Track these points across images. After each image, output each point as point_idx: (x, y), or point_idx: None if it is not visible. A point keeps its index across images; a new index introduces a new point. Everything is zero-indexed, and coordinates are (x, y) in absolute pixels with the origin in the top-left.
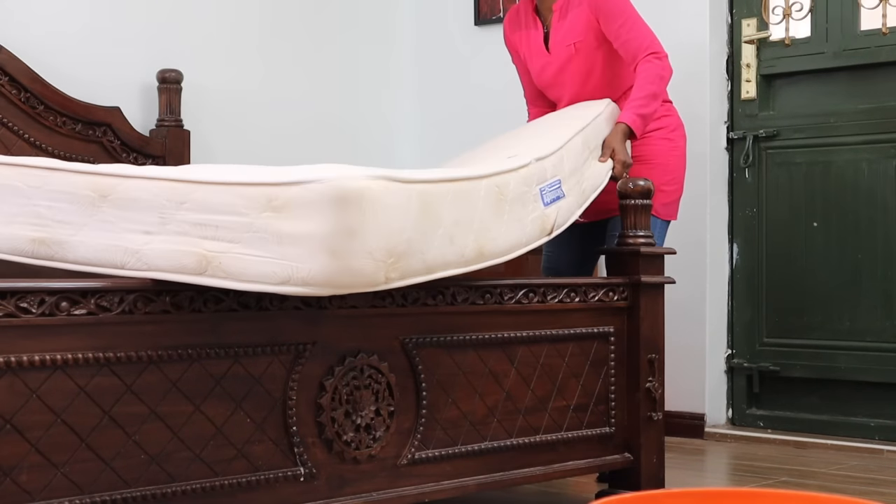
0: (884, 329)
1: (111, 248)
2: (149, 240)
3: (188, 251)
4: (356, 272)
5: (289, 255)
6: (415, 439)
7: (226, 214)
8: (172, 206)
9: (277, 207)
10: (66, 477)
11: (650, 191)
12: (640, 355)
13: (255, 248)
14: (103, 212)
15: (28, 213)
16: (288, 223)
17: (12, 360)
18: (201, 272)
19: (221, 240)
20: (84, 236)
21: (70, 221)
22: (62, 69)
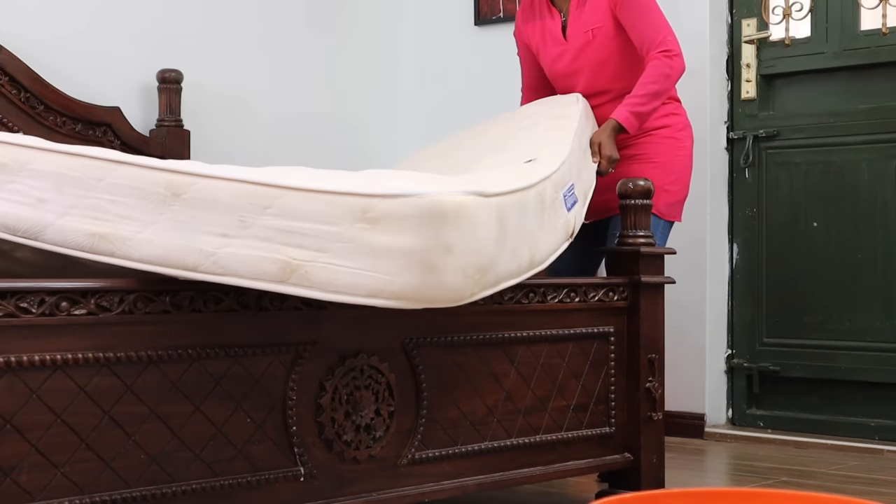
0: (884, 329)
1: (182, 249)
2: (226, 243)
3: (270, 257)
4: (449, 288)
5: (381, 267)
6: (415, 439)
7: (315, 223)
8: (255, 210)
9: (372, 219)
10: (66, 477)
11: (650, 191)
12: (640, 355)
13: (345, 258)
14: (175, 210)
15: (87, 206)
16: (383, 236)
17: (12, 360)
18: (283, 280)
19: (309, 248)
20: (151, 234)
21: (136, 218)
22: (62, 69)
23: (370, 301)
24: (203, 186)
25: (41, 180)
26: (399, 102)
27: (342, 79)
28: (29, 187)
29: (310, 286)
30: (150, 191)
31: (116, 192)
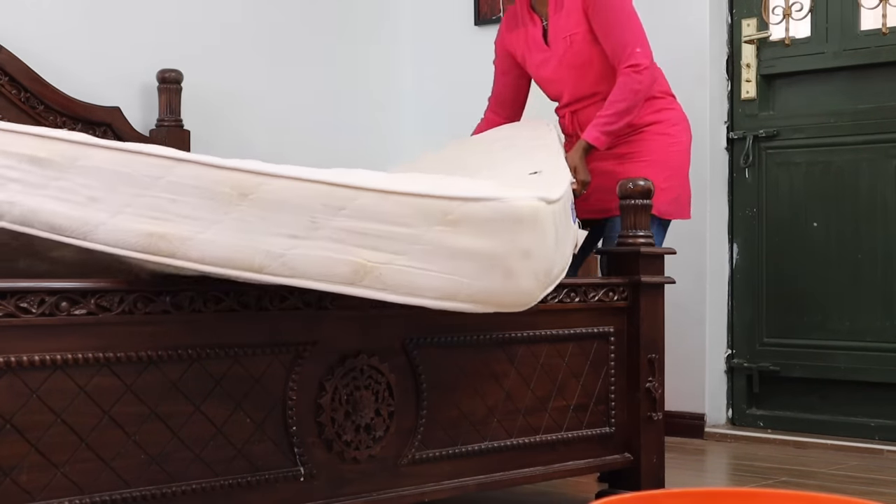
0: (884, 329)
1: (248, 250)
2: (295, 244)
3: (343, 259)
4: (523, 292)
5: (459, 270)
6: (415, 439)
7: (391, 224)
8: (328, 212)
9: (452, 222)
10: (66, 477)
11: (650, 191)
12: (640, 355)
13: (423, 260)
14: (241, 210)
15: (143, 205)
16: (462, 238)
17: (12, 360)
18: (355, 282)
19: (384, 250)
20: (214, 234)
21: (199, 217)
22: (62, 69)
23: (445, 304)
24: (274, 187)
25: (92, 178)
26: (399, 102)
27: (342, 79)
28: (78, 185)
29: (383, 288)
30: (215, 190)
31: (177, 190)
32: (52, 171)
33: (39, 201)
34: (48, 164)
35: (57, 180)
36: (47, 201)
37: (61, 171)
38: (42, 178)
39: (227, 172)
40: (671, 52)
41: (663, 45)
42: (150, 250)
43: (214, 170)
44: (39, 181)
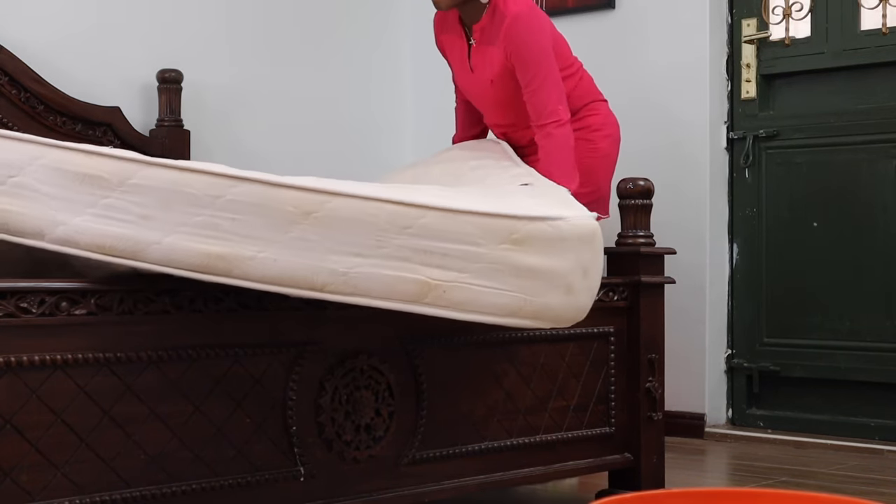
0: (884, 329)
1: (310, 269)
2: (359, 262)
3: (408, 278)
4: (580, 309)
5: (524, 288)
6: (415, 439)
7: (457, 243)
8: (394, 230)
9: (518, 241)
10: (66, 477)
11: (650, 191)
12: (640, 355)
13: (486, 278)
14: (303, 229)
15: (199, 224)
16: (527, 257)
17: (12, 360)
18: (419, 300)
19: (448, 268)
20: (274, 253)
21: (259, 237)
22: (62, 69)
23: (508, 321)
24: (337, 205)
25: (144, 196)
26: (399, 102)
27: (342, 79)
28: (129, 203)
29: (446, 306)
30: (277, 209)
31: (236, 209)
32: (100, 189)
33: (85, 220)
34: (96, 181)
35: (105, 199)
36: (94, 220)
37: (109, 190)
38: (90, 196)
39: (290, 191)
40: (671, 53)
41: (663, 46)
42: (207, 270)
43: (277, 188)
44: (86, 199)
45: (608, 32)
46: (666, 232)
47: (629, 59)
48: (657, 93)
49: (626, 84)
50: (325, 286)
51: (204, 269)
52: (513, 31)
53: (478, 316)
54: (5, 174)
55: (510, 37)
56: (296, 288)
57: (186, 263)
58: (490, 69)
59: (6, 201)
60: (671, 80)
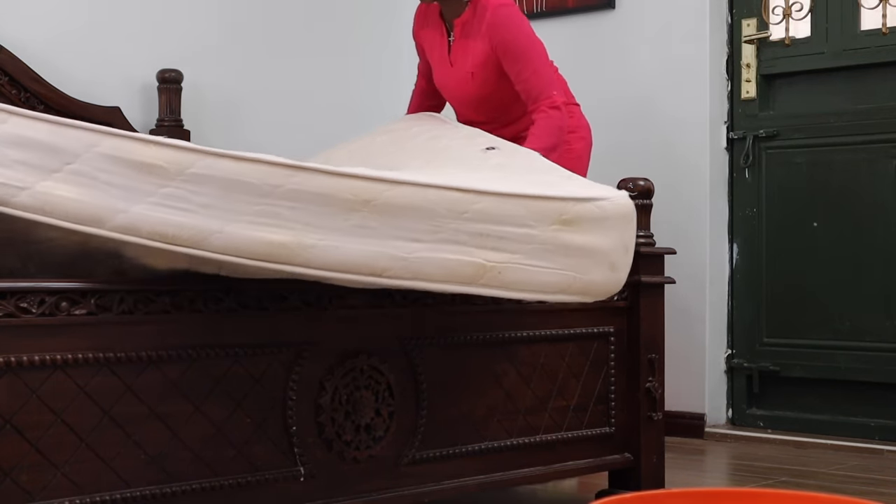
0: (884, 329)
1: (372, 255)
2: (417, 248)
3: (464, 261)
4: (619, 283)
5: (572, 266)
6: (415, 439)
7: (511, 226)
8: (451, 216)
9: (567, 221)
10: (66, 477)
11: (650, 191)
12: (640, 355)
13: (538, 258)
14: (363, 216)
15: (259, 213)
16: (577, 236)
17: (12, 360)
18: (475, 282)
19: (503, 250)
20: (336, 241)
21: (319, 224)
22: (62, 69)
23: (557, 297)
24: (396, 193)
25: (204, 185)
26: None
27: (342, 79)
28: (189, 192)
29: (500, 286)
30: (337, 197)
31: (296, 198)
32: (159, 178)
33: (145, 208)
34: (156, 170)
35: (164, 188)
36: (154, 209)
37: (168, 179)
38: (149, 185)
39: (350, 180)
40: (671, 52)
41: (663, 46)
42: (269, 258)
43: (336, 177)
44: (145, 188)
45: (608, 32)
46: (666, 232)
47: (629, 59)
48: (657, 93)
49: (626, 84)
50: (385, 271)
51: (266, 257)
52: (497, 21)
53: (530, 294)
54: (61, 161)
55: (495, 27)
56: (357, 274)
57: (249, 252)
58: (471, 61)
59: (64, 188)
60: (671, 79)
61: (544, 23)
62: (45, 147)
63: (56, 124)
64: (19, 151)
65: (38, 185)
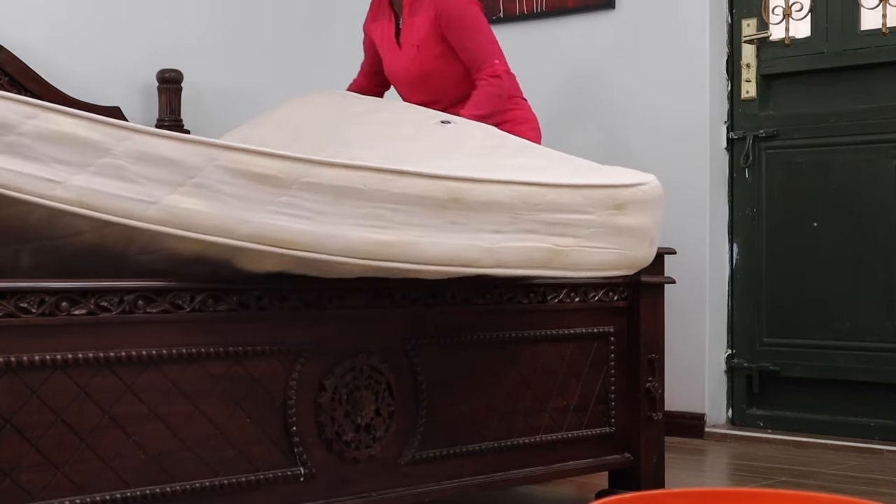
0: (884, 329)
1: (464, 248)
2: (500, 238)
3: (538, 247)
4: (653, 256)
5: (623, 244)
6: (415, 439)
7: (574, 213)
8: (527, 208)
9: (619, 206)
10: (66, 477)
11: None
12: (640, 355)
13: (596, 240)
14: (453, 213)
15: (365, 216)
16: (626, 218)
17: (12, 360)
18: (548, 265)
19: (569, 235)
20: (433, 237)
21: (417, 223)
22: (62, 69)
23: (611, 273)
24: (482, 190)
25: (317, 193)
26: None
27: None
28: (304, 200)
29: (568, 267)
30: (432, 197)
31: (399, 200)
32: (276, 188)
33: (265, 217)
34: (272, 181)
35: (281, 196)
36: (274, 217)
37: (284, 188)
38: (266, 194)
39: (442, 181)
40: (671, 52)
41: (663, 45)
42: (378, 257)
43: (431, 180)
44: (263, 197)
45: (608, 32)
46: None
47: (629, 58)
48: (657, 92)
49: (626, 84)
50: (475, 262)
51: (376, 256)
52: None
53: (592, 273)
54: (185, 175)
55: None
56: (452, 266)
57: (360, 252)
58: (416, 35)
59: (190, 201)
60: (671, 79)
61: (544, 23)
62: (168, 162)
63: (178, 140)
64: (145, 167)
65: (165, 199)
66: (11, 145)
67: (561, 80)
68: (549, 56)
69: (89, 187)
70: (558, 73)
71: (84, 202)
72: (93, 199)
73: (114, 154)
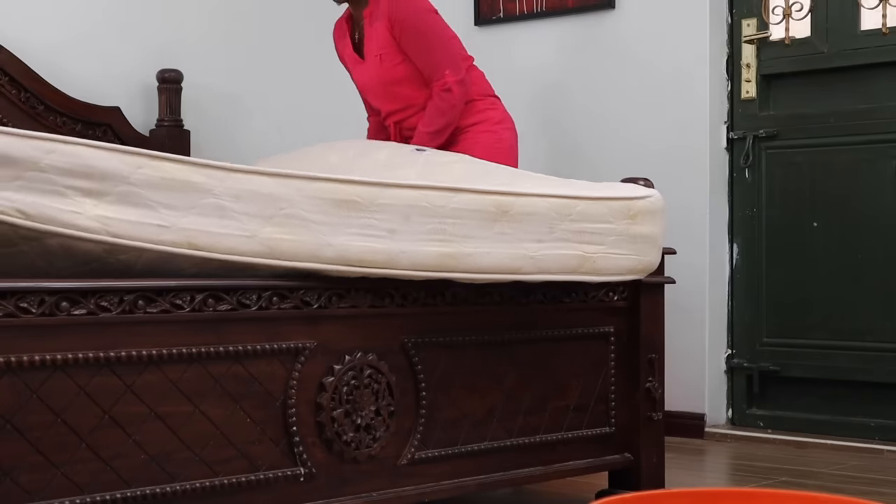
0: (884, 329)
1: (512, 256)
2: (539, 247)
3: (571, 254)
4: (658, 261)
5: (638, 250)
6: (415, 439)
7: (599, 223)
8: (560, 218)
9: (633, 216)
10: (66, 477)
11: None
12: (640, 355)
13: (617, 247)
14: (502, 225)
15: (431, 231)
16: (639, 227)
17: (12, 360)
18: (578, 271)
19: (595, 243)
20: (486, 248)
21: (473, 235)
22: (62, 69)
23: (628, 277)
24: (524, 202)
25: (389, 213)
26: None
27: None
28: (379, 220)
29: (594, 272)
30: (485, 210)
31: (457, 215)
32: (354, 211)
33: (346, 240)
34: (352, 205)
35: (360, 218)
36: (353, 239)
37: (362, 211)
38: (346, 217)
39: (492, 196)
40: (671, 52)
41: (663, 45)
42: (442, 269)
43: (483, 195)
44: (344, 221)
45: (608, 32)
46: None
47: (629, 58)
48: (657, 92)
49: (626, 84)
50: (520, 269)
51: (440, 268)
52: (394, 1)
53: (613, 277)
54: (276, 207)
55: (393, 5)
56: (501, 274)
57: (427, 265)
58: (377, 44)
59: (281, 231)
60: (671, 79)
61: (544, 23)
62: (263, 197)
63: (272, 175)
64: (243, 204)
65: (262, 233)
66: (124, 195)
67: (561, 79)
68: (549, 56)
69: (196, 228)
70: (558, 73)
71: (192, 243)
72: (200, 239)
73: (215, 194)
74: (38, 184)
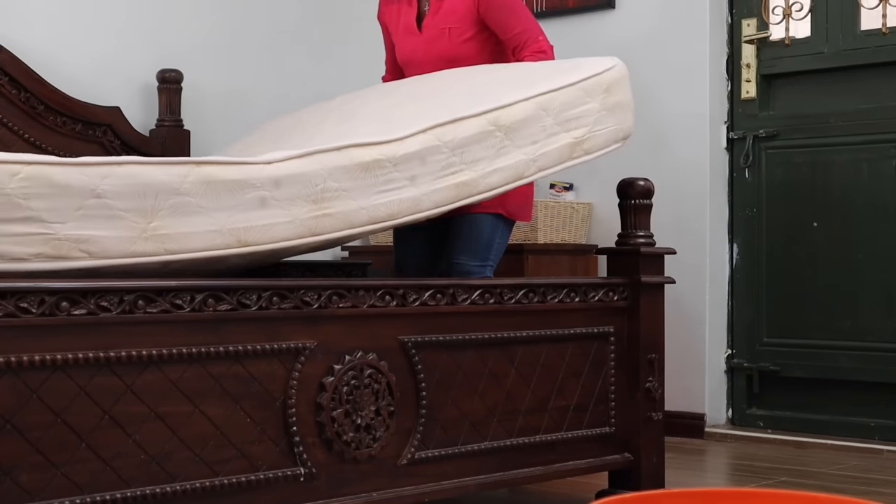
0: (884, 329)
1: (516, 164)
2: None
3: (563, 144)
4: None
5: (618, 119)
6: (415, 439)
7: (579, 106)
8: (549, 114)
9: (607, 88)
10: (66, 477)
11: (650, 191)
12: (640, 355)
13: (601, 123)
14: (500, 139)
15: (443, 166)
16: (614, 97)
17: (12, 360)
18: (571, 157)
19: (581, 126)
20: (493, 165)
21: (480, 157)
22: (62, 69)
23: (617, 146)
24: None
25: (409, 161)
26: None
27: (342, 78)
28: (400, 171)
29: (587, 153)
30: (482, 132)
31: (461, 144)
32: (380, 169)
33: (375, 199)
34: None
35: (384, 175)
36: (381, 196)
37: (385, 168)
38: (373, 178)
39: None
40: (671, 52)
41: (663, 46)
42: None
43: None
44: (371, 182)
45: (608, 32)
46: (666, 232)
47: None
48: (657, 93)
49: None
50: (524, 173)
51: (457, 198)
52: None
53: (604, 150)
54: (312, 185)
55: None
56: (510, 183)
57: (447, 199)
58: (449, 17)
59: (319, 208)
60: (671, 79)
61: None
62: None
63: (303, 157)
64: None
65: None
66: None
67: None
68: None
69: (243, 225)
70: None
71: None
72: (249, 235)
73: (256, 186)
74: (97, 210)
